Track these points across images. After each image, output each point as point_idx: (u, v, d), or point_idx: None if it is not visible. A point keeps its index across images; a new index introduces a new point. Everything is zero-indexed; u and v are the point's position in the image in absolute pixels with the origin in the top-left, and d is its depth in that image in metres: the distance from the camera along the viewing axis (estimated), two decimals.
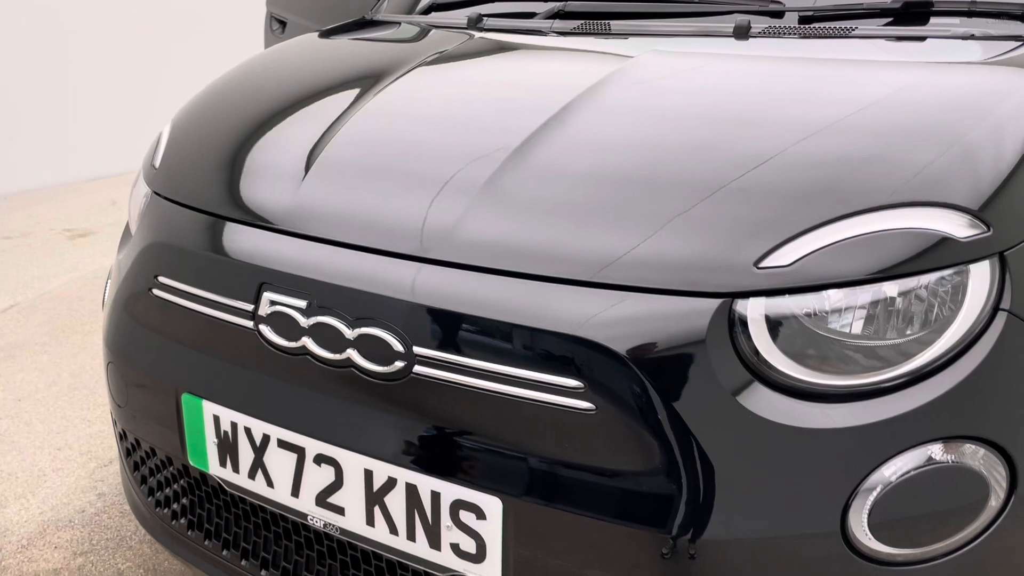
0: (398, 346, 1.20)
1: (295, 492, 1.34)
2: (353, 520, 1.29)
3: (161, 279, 1.47)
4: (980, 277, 1.12)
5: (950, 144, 1.19)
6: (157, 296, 1.47)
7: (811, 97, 1.40)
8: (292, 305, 1.28)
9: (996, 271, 1.13)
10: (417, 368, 1.19)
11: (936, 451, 1.09)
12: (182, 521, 1.58)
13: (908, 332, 1.10)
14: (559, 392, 1.11)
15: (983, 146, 1.19)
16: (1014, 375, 1.13)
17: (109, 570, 2.01)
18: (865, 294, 1.09)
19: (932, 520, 1.10)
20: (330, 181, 1.38)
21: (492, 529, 1.17)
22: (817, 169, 1.17)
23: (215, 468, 1.43)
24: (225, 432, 1.39)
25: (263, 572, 1.46)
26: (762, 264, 1.09)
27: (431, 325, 1.18)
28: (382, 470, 1.24)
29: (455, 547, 1.21)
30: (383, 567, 1.33)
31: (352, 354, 1.23)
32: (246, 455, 1.38)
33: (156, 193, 1.58)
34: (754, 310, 1.08)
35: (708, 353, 1.07)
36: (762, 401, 1.07)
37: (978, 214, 1.14)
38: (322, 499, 1.31)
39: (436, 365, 1.18)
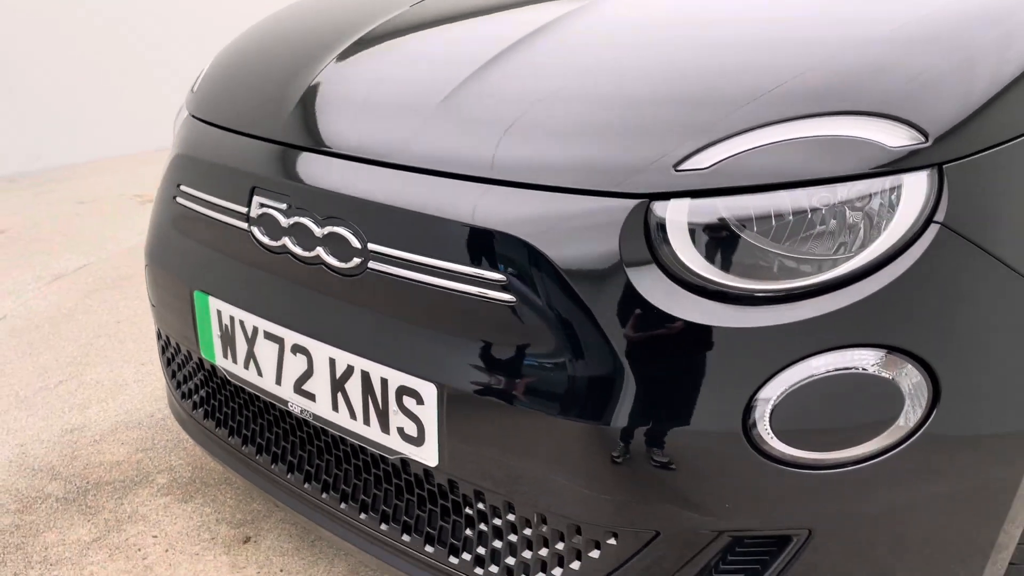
0: (356, 243, 1.30)
1: (278, 380, 1.46)
2: (322, 406, 1.40)
3: (182, 187, 1.62)
4: (915, 188, 1.11)
5: (889, 54, 1.17)
6: (179, 203, 1.63)
7: (741, 12, 1.40)
8: (276, 207, 1.40)
9: (934, 183, 1.11)
10: (371, 264, 1.29)
11: (847, 358, 1.08)
12: (200, 411, 1.74)
13: (830, 240, 1.10)
14: (484, 285, 1.18)
15: (925, 56, 1.17)
16: (941, 289, 1.11)
17: (162, 465, 2.22)
18: (787, 200, 1.10)
19: (841, 426, 1.10)
20: (314, 102, 1.49)
21: (429, 414, 1.25)
22: (745, 76, 1.18)
23: (220, 359, 1.57)
24: (226, 325, 1.53)
25: (258, 457, 1.61)
26: (681, 166, 1.12)
27: (382, 223, 1.27)
28: (343, 359, 1.34)
29: (400, 431, 1.30)
30: (348, 451, 1.44)
31: (320, 251, 1.34)
32: (241, 346, 1.51)
33: (191, 115, 1.74)
34: (670, 211, 1.11)
35: (623, 252, 1.11)
36: (673, 300, 1.10)
37: (915, 124, 1.12)
38: (298, 386, 1.43)
39: (386, 260, 1.27)
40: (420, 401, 1.26)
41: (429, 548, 1.36)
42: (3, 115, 5.42)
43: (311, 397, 1.42)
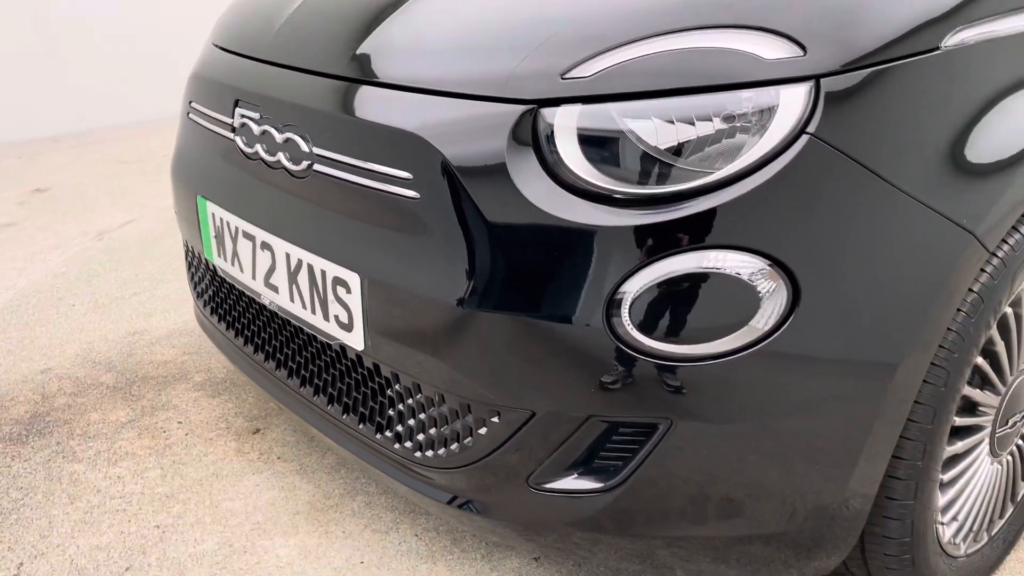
0: (305, 147, 1.44)
1: (253, 275, 1.63)
2: (283, 298, 1.56)
3: (192, 104, 1.81)
4: (790, 99, 1.15)
5: None
6: (190, 119, 1.83)
7: None
8: (251, 117, 1.57)
9: (810, 96, 1.15)
10: (316, 166, 1.43)
11: (708, 258, 1.14)
12: (207, 308, 1.95)
13: (704, 147, 1.16)
14: (394, 182, 1.30)
15: None
16: (809, 199, 1.15)
17: (201, 366, 2.46)
18: (665, 107, 1.16)
19: (698, 323, 1.16)
20: (287, 25, 1.64)
21: (355, 301, 1.39)
22: None
23: (215, 258, 1.76)
24: (218, 227, 1.72)
25: (246, 346, 1.79)
26: (568, 75, 1.20)
27: (322, 128, 1.41)
28: (295, 253, 1.49)
29: (336, 318, 1.44)
30: (305, 339, 1.60)
31: (281, 156, 1.49)
32: (228, 245, 1.69)
33: (210, 40, 1.92)
34: (557, 116, 1.19)
35: (509, 153, 1.21)
36: (550, 198, 1.19)
37: (794, 38, 1.16)
38: (266, 280, 1.60)
39: (325, 162, 1.41)
40: (348, 290, 1.39)
41: (362, 427, 1.51)
42: (47, 77, 5.48)
43: (275, 289, 1.58)
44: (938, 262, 1.20)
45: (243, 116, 1.59)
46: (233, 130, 1.63)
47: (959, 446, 1.40)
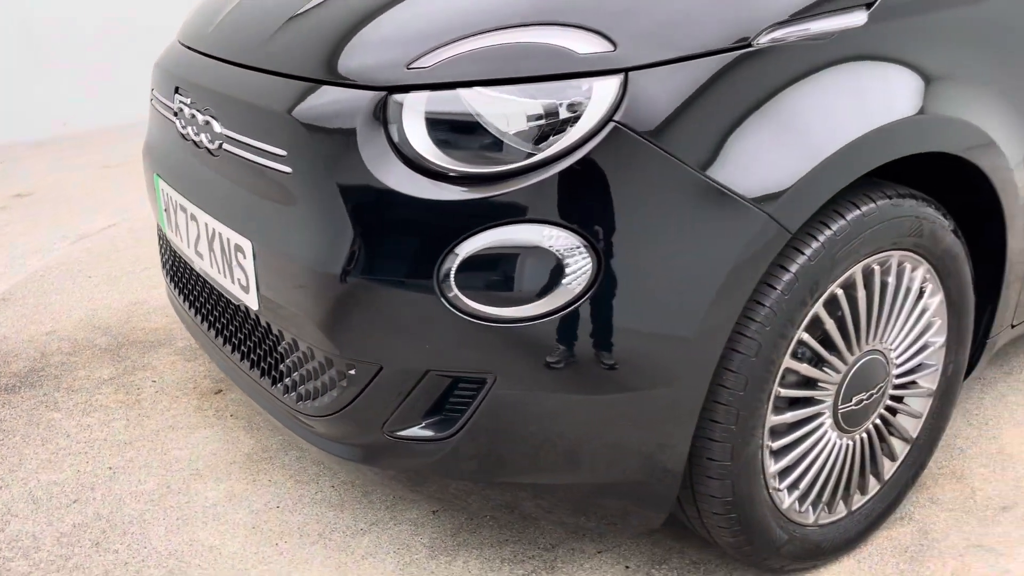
0: (217, 128, 1.63)
1: (187, 243, 1.83)
2: (206, 263, 1.76)
3: (152, 91, 2.03)
4: (603, 90, 1.28)
5: None
6: (152, 105, 2.04)
7: None
8: (185, 102, 1.77)
9: (620, 87, 1.28)
10: (225, 145, 1.62)
11: (523, 230, 1.28)
12: (168, 278, 2.16)
13: (525, 131, 1.30)
14: (273, 158, 1.47)
15: None
16: (612, 179, 1.28)
17: (186, 334, 2.69)
18: (492, 96, 1.31)
19: (513, 287, 1.30)
20: (218, 20, 1.83)
21: (249, 265, 1.57)
22: None
23: (167, 230, 1.97)
24: (166, 201, 1.92)
25: (190, 309, 2.00)
26: (412, 65, 1.35)
27: (228, 111, 1.60)
28: (211, 223, 1.68)
29: (239, 281, 1.63)
30: (226, 301, 1.79)
31: (203, 136, 1.69)
32: (172, 217, 1.90)
33: (176, 37, 2.14)
34: (398, 101, 1.35)
35: (363, 134, 1.36)
36: (392, 173, 1.34)
37: (606, 35, 1.29)
38: (195, 247, 1.79)
39: (231, 141, 1.59)
40: (244, 255, 1.58)
41: (263, 380, 1.69)
42: (30, 81, 5.41)
43: (201, 256, 1.77)
44: (733, 241, 1.31)
45: (180, 101, 1.79)
46: (175, 114, 1.83)
47: (788, 416, 1.50)
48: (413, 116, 1.34)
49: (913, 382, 1.71)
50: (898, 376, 1.66)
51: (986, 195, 1.67)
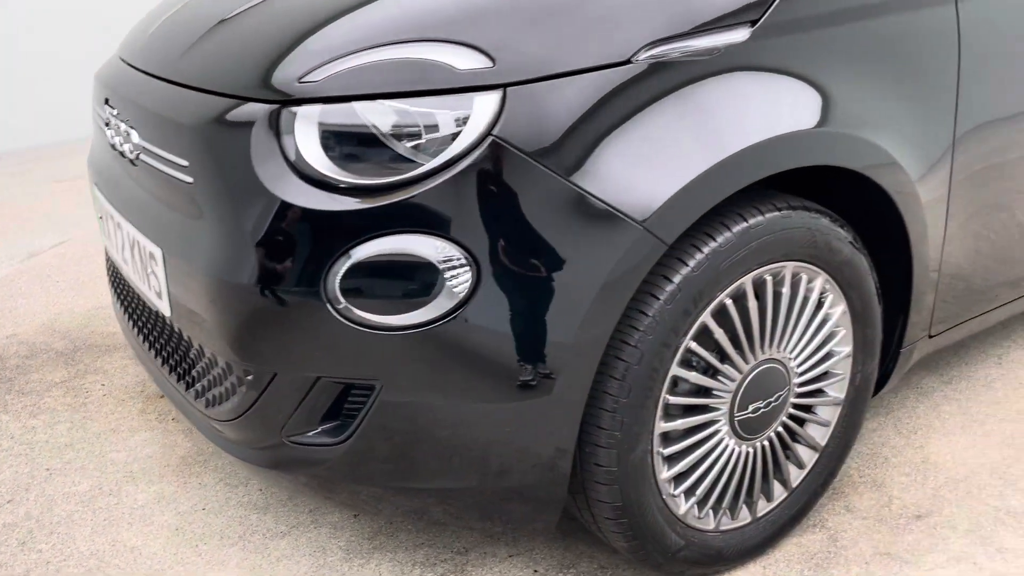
0: (136, 138, 1.68)
1: (117, 251, 1.88)
2: (130, 270, 1.80)
3: (94, 106, 2.08)
4: (483, 105, 1.32)
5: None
6: (96, 118, 2.09)
7: None
8: (112, 113, 1.81)
9: (499, 102, 1.32)
10: (142, 155, 1.66)
11: (405, 241, 1.32)
12: (110, 284, 2.21)
13: (408, 146, 1.34)
14: (178, 168, 1.52)
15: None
16: (491, 191, 1.32)
17: None
18: (376, 109, 1.35)
19: (397, 296, 1.34)
20: (147, 34, 1.88)
21: (161, 273, 1.61)
22: (354, 12, 1.43)
23: (104, 239, 2.02)
24: (101, 210, 1.97)
25: (124, 316, 2.04)
26: (303, 79, 1.39)
27: (143, 121, 1.65)
28: (131, 231, 1.73)
29: (154, 288, 1.67)
30: (148, 308, 1.84)
31: (126, 147, 1.74)
32: (105, 225, 1.95)
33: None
34: (297, 114, 1.39)
35: (258, 146, 1.40)
36: (285, 185, 1.38)
37: (485, 51, 1.33)
38: (122, 254, 1.84)
39: (146, 152, 1.64)
40: (156, 263, 1.62)
41: (179, 384, 1.73)
42: None
43: (127, 263, 1.82)
44: (609, 252, 1.34)
45: (109, 112, 1.84)
46: (107, 125, 1.88)
47: (680, 423, 1.53)
48: (303, 128, 1.38)
49: (820, 391, 1.74)
50: (801, 385, 1.68)
51: (888, 210, 1.70)
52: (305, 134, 1.38)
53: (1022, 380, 2.44)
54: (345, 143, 1.37)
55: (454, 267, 1.32)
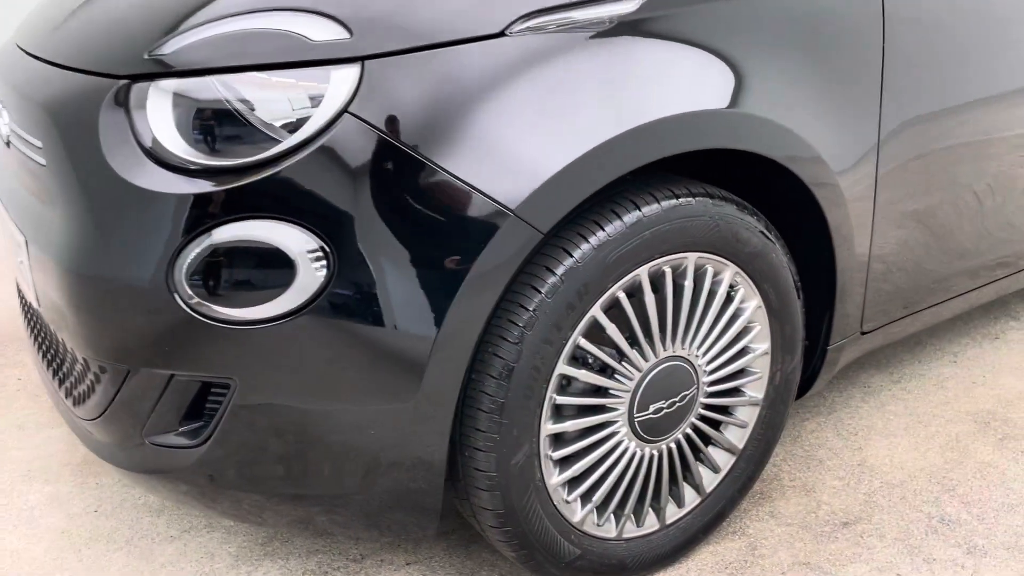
0: (6, 119, 1.58)
1: (7, 237, 1.78)
2: (13, 259, 1.71)
3: None
4: (340, 80, 1.22)
5: None
6: None
7: None
8: (1, 100, 1.71)
9: (357, 76, 1.21)
10: (11, 138, 1.56)
11: (255, 227, 1.22)
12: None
13: (264, 123, 1.24)
14: (34, 150, 1.42)
15: None
16: (348, 172, 1.21)
17: None
18: (227, 85, 1.24)
19: (248, 287, 1.24)
20: (35, 13, 1.77)
21: (26, 261, 1.51)
22: None
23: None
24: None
25: (20, 303, 1.95)
26: (153, 52, 1.29)
27: (12, 101, 1.55)
28: (6, 216, 1.63)
29: (25, 278, 1.57)
30: (27, 301, 1.74)
31: (4, 130, 1.64)
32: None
33: None
34: (137, 91, 1.28)
35: (106, 124, 1.30)
36: (132, 166, 1.28)
37: (342, 21, 1.22)
38: (17, 251, 1.74)
39: (15, 135, 1.54)
40: (23, 251, 1.52)
41: (54, 382, 1.64)
42: None
43: (10, 251, 1.73)
44: (477, 240, 1.24)
45: (1, 102, 1.74)
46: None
47: (570, 425, 1.42)
48: (154, 104, 1.28)
49: (736, 390, 1.63)
50: (713, 384, 1.58)
51: (809, 202, 1.59)
52: (156, 110, 1.28)
53: (976, 379, 2.33)
54: (197, 120, 1.27)
55: (308, 256, 1.22)
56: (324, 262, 1.22)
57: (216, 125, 1.26)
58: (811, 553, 1.68)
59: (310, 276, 1.22)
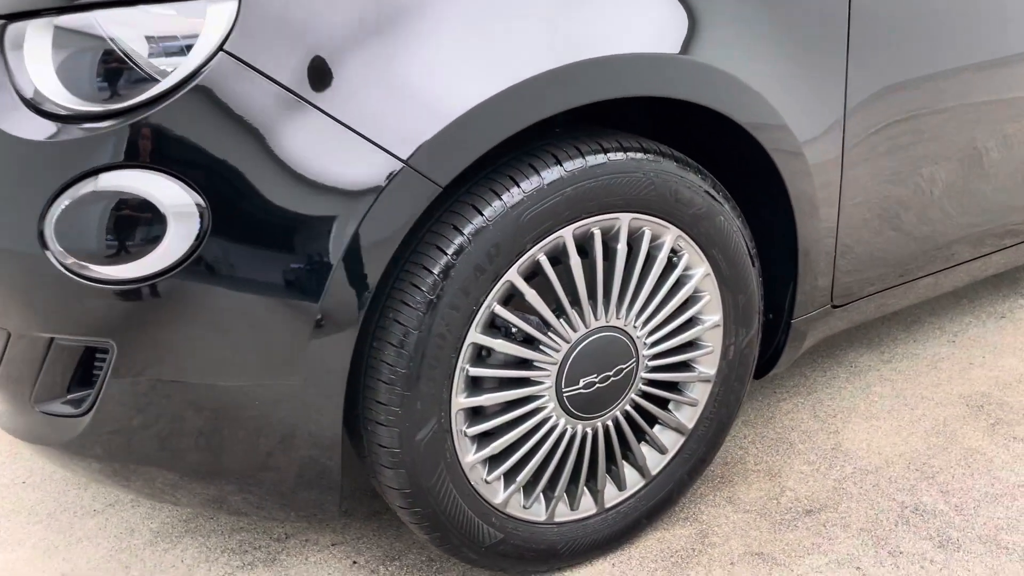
0: None
1: None
2: None
3: None
4: (217, 15, 1.11)
5: None
6: None
7: None
8: None
9: (235, 10, 1.11)
10: None
11: (129, 177, 1.12)
12: None
13: (146, 61, 1.13)
14: None
15: None
16: (223, 115, 1.10)
17: None
18: (110, 20, 1.14)
19: (119, 243, 1.13)
20: None
21: None
22: None
23: None
24: None
25: None
26: None
27: None
28: None
29: None
30: None
31: None
32: None
33: None
34: (13, 30, 1.19)
35: None
36: (7, 113, 1.19)
37: None
38: None
39: None
40: None
41: None
42: None
43: None
44: (367, 192, 1.12)
45: None
46: None
47: (485, 399, 1.31)
48: (29, 44, 1.18)
49: (685, 365, 1.51)
50: (655, 358, 1.45)
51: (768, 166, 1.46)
52: (33, 51, 1.18)
53: (974, 360, 2.18)
54: (74, 61, 1.16)
55: (179, 209, 1.11)
56: (197, 217, 1.12)
57: (93, 65, 1.15)
58: (766, 542, 1.56)
59: (181, 232, 1.12)
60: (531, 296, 1.29)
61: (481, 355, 1.32)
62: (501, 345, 1.29)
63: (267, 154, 1.11)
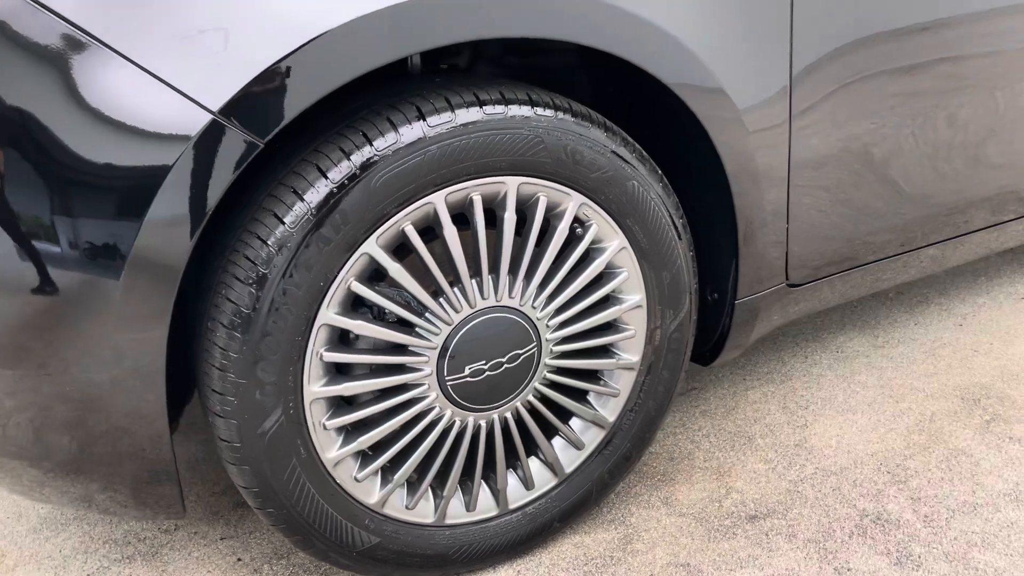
0: None
1: None
2: None
3: None
4: None
5: None
6: None
7: None
8: None
9: None
10: None
11: None
12: None
13: None
14: None
15: None
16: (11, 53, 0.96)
17: None
18: None
19: None
20: None
21: None
22: None
23: None
24: None
25: None
26: None
27: None
28: None
29: None
30: None
31: None
32: None
33: None
34: None
35: None
36: None
37: None
38: None
39: None
40: None
41: None
42: None
43: None
44: (165, 149, 0.96)
45: None
46: None
47: (346, 387, 1.15)
48: None
49: (602, 350, 1.33)
50: (562, 342, 1.28)
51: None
52: None
53: (979, 347, 1.94)
54: None
55: None
56: None
57: None
58: (695, 552, 1.38)
59: None
60: (395, 271, 1.12)
61: (348, 338, 1.16)
62: (361, 327, 1.13)
63: (56, 105, 0.96)
